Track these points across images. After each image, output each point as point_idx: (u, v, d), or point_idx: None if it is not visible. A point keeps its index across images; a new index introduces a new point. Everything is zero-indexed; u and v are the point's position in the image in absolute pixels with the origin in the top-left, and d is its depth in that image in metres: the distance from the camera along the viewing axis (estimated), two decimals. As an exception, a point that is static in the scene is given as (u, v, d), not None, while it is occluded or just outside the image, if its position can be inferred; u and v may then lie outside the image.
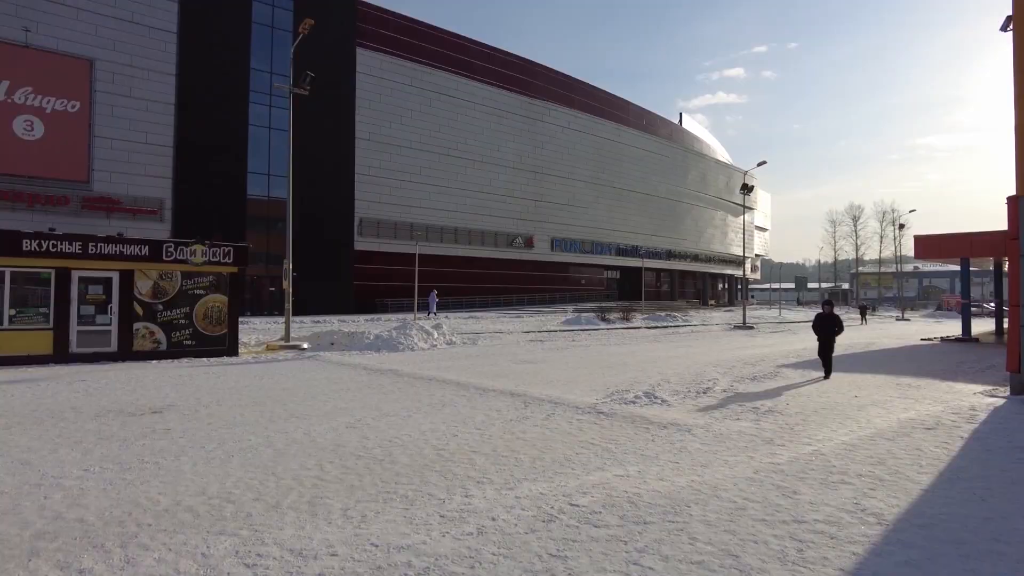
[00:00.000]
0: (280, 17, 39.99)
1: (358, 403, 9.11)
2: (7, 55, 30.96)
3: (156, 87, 35.13)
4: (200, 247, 15.28)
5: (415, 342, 18.25)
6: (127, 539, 4.02)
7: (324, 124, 39.77)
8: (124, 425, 7.43)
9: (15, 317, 13.39)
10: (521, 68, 54.47)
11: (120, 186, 33.83)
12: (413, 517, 4.43)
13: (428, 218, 46.50)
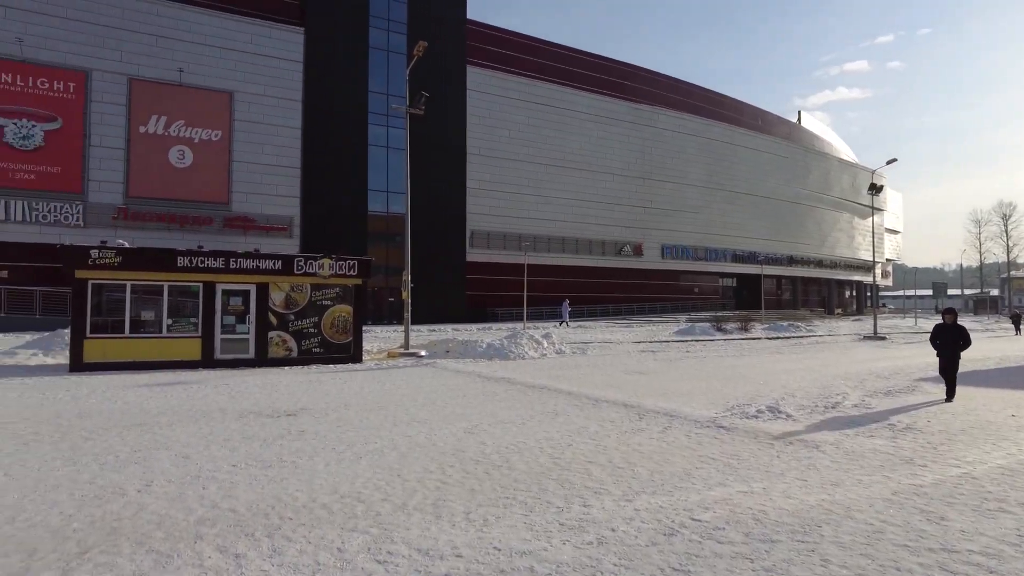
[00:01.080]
0: (395, 41, 42.11)
1: (474, 410, 9.36)
2: (165, 94, 34.76)
3: (285, 114, 38.08)
4: (327, 261, 16.34)
5: (525, 351, 18.46)
6: (272, 530, 4.37)
7: (437, 141, 41.32)
8: (263, 426, 8.08)
9: (171, 326, 14.95)
10: (626, 74, 53.92)
11: (255, 206, 36.90)
12: (533, 523, 4.50)
13: (536, 228, 46.98)
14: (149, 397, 10.41)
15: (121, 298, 14.62)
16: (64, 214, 32.28)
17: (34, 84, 32.09)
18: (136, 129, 34.27)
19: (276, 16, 38.37)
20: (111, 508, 4.82)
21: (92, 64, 33.25)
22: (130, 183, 33.98)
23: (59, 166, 32.43)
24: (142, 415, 8.79)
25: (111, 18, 33.74)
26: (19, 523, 4.48)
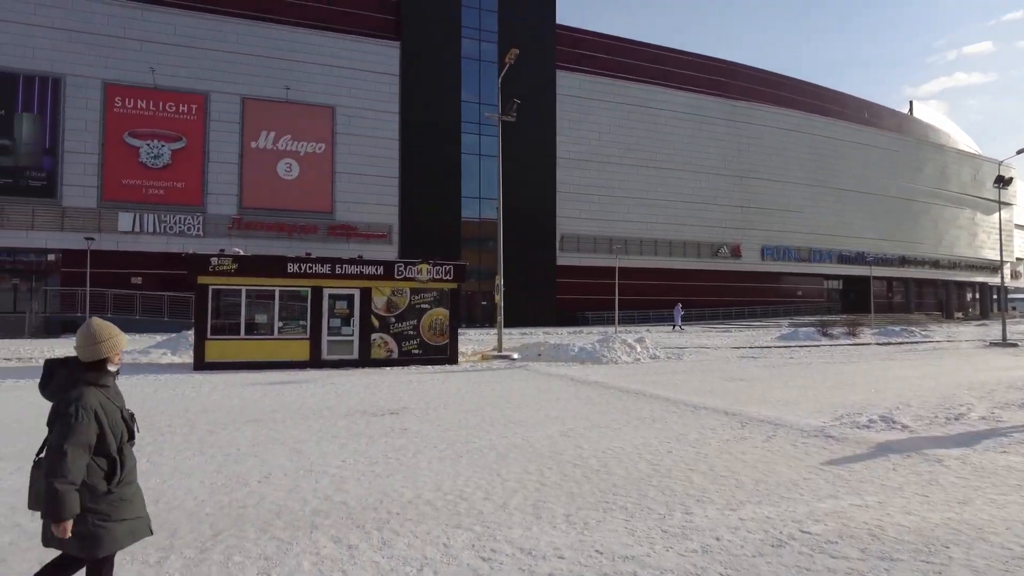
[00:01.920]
0: (486, 50, 42.95)
1: (569, 413, 9.38)
2: (273, 111, 37.17)
3: (383, 126, 39.70)
4: (425, 266, 16.89)
5: (618, 355, 18.26)
6: (381, 524, 4.58)
7: (528, 146, 41.70)
8: (368, 424, 8.46)
9: (282, 328, 15.94)
10: (720, 70, 52.23)
11: (356, 215, 38.68)
12: (635, 529, 4.47)
13: (628, 231, 46.37)
14: (264, 395, 11.15)
15: (237, 302, 15.74)
16: (187, 225, 35.14)
17: (163, 108, 35.18)
18: (248, 144, 36.82)
19: (374, 32, 40.09)
20: (236, 496, 5.22)
21: (211, 87, 36.03)
22: (243, 195, 36.53)
23: (183, 181, 35.36)
24: (258, 411, 9.43)
25: (227, 43, 36.43)
26: (161, 505, 4.94)
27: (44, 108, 33.36)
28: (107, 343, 2.90)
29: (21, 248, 32.85)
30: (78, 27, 33.78)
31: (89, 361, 2.87)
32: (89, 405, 2.76)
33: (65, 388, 2.81)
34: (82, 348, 2.87)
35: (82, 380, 2.83)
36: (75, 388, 2.79)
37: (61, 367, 2.88)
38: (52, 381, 2.86)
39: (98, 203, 33.81)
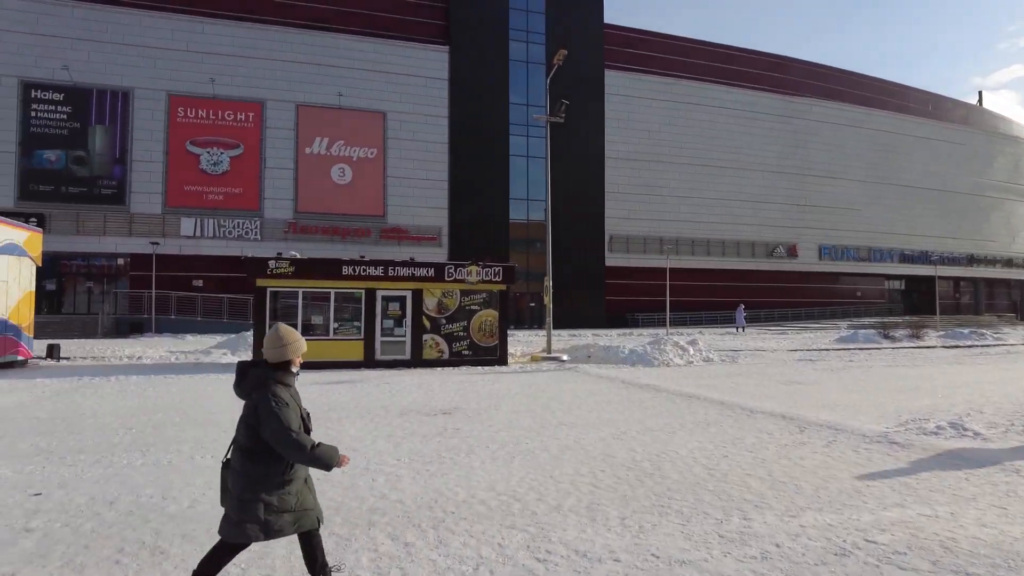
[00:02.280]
0: (534, 52, 43.03)
1: (621, 416, 9.30)
2: (327, 117, 38.15)
3: (433, 130, 40.24)
4: (475, 268, 17.03)
5: (670, 358, 18.00)
6: (437, 522, 4.65)
7: (576, 146, 41.57)
8: (422, 423, 8.58)
9: (337, 329, 16.33)
10: (773, 65, 50.89)
11: (407, 218, 39.32)
12: (691, 533, 4.41)
13: (679, 231, 45.68)
14: (321, 394, 11.44)
15: (294, 304, 16.20)
16: (245, 229, 36.39)
17: (222, 116, 36.56)
18: (303, 150, 37.87)
19: (423, 38, 40.69)
20: (297, 492, 5.37)
21: (267, 95, 37.24)
22: (298, 199, 37.60)
23: (241, 187, 36.64)
24: (316, 410, 9.68)
25: (283, 52, 37.59)
26: (226, 501, 5.13)
27: (115, 120, 35.12)
28: (291, 346, 3.19)
29: (94, 253, 34.66)
30: (144, 43, 35.43)
31: (276, 362, 3.16)
32: (281, 399, 3.06)
33: (257, 387, 3.08)
34: (270, 350, 3.16)
35: (271, 379, 3.11)
36: (266, 386, 3.07)
37: (252, 368, 3.16)
38: (245, 380, 3.13)
39: (162, 209, 35.38)
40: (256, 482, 3.03)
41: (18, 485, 5.53)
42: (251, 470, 3.04)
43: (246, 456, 3.05)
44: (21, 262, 16.74)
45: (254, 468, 3.04)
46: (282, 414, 2.98)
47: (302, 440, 2.99)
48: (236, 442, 3.11)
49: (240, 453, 3.07)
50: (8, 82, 33.58)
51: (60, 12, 34.37)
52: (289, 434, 2.96)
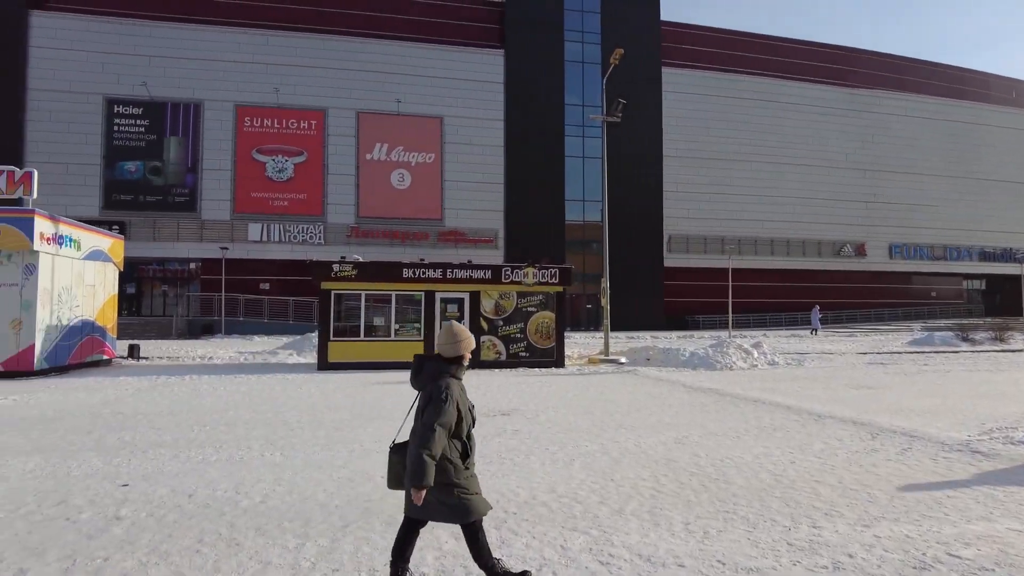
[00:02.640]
0: (589, 52, 42.82)
1: (683, 420, 9.14)
2: (386, 124, 39.03)
3: (489, 133, 40.57)
4: (531, 270, 17.07)
5: (733, 361, 17.56)
6: (499, 523, 4.68)
7: (633, 146, 41.11)
8: (481, 424, 8.65)
9: (398, 330, 16.66)
10: (839, 57, 48.95)
11: (464, 221, 39.79)
12: (758, 540, 4.29)
13: (740, 230, 44.52)
14: (383, 394, 11.70)
15: (356, 306, 16.63)
16: (309, 234, 37.59)
17: (286, 125, 37.90)
18: (363, 156, 38.85)
19: (479, 42, 41.09)
20: (362, 490, 5.51)
21: (328, 103, 38.37)
22: (360, 204, 38.58)
23: (305, 193, 37.86)
24: (379, 410, 9.92)
25: (343, 61, 38.67)
26: (295, 496, 5.32)
27: (187, 131, 36.90)
28: (464, 342, 3.41)
29: (169, 258, 36.49)
30: (213, 56, 37.11)
31: (450, 357, 3.38)
32: (453, 394, 3.27)
33: (433, 378, 3.32)
34: (445, 346, 3.39)
35: (446, 372, 3.34)
36: (441, 378, 3.30)
37: (428, 361, 3.41)
38: (422, 372, 3.38)
39: (231, 215, 36.93)
40: (447, 468, 3.23)
41: (108, 476, 5.88)
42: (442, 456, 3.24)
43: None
44: (106, 267, 17.81)
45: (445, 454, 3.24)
46: (444, 408, 3.17)
47: (436, 441, 3.12)
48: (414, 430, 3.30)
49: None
50: (94, 99, 35.78)
51: (139, 32, 36.38)
52: (434, 427, 3.13)
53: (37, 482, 5.70)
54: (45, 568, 3.82)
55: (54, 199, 28.65)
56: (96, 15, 36.18)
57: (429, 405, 3.20)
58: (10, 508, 4.96)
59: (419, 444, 3.12)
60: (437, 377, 3.31)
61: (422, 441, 3.12)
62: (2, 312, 13.91)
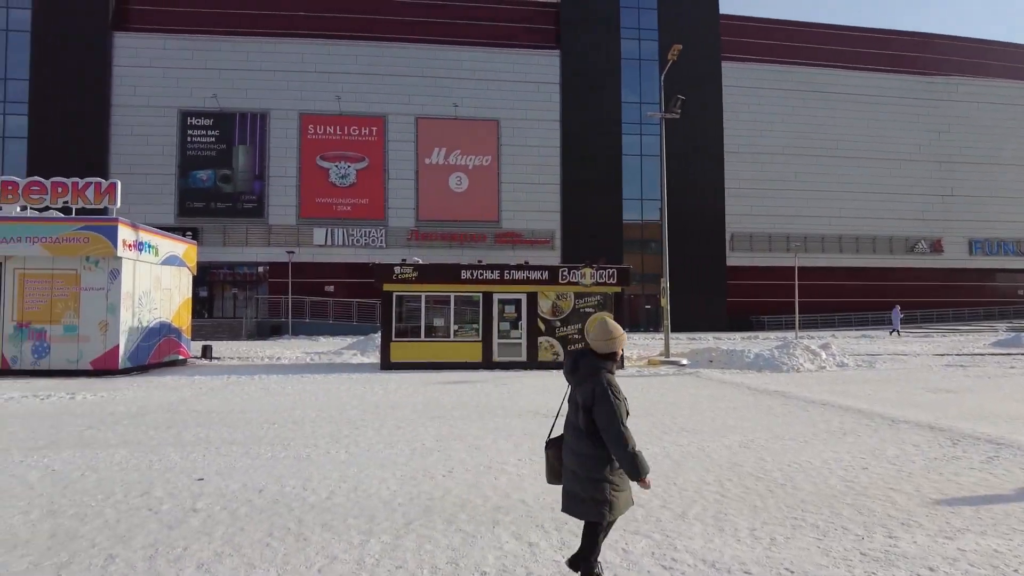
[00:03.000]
0: (646, 49, 42.23)
1: (747, 423, 8.89)
2: (443, 128, 39.61)
3: (545, 134, 40.57)
4: (589, 270, 16.97)
5: (800, 363, 16.96)
6: (560, 524, 4.66)
7: (692, 143, 40.31)
8: (541, 424, 8.65)
9: (457, 331, 16.87)
10: (909, 44, 46.57)
11: (520, 222, 39.93)
12: (829, 549, 4.13)
13: (806, 227, 42.97)
14: (443, 393, 11.86)
15: (417, 307, 16.94)
16: (371, 237, 38.53)
17: (348, 132, 38.97)
18: (422, 161, 39.54)
19: (534, 43, 41.17)
20: (424, 488, 5.60)
21: (388, 109, 39.24)
22: (419, 208, 39.29)
23: (367, 198, 38.83)
24: (439, 409, 10.06)
25: (402, 68, 39.48)
26: (360, 492, 5.45)
27: (254, 140, 38.44)
28: (619, 339, 3.42)
29: (238, 262, 38.07)
30: (278, 67, 38.53)
31: (605, 353, 3.41)
32: (618, 389, 3.33)
33: (590, 375, 3.34)
34: (600, 342, 3.41)
35: (604, 369, 3.37)
36: (599, 375, 3.32)
37: (583, 357, 3.45)
38: (579, 369, 3.41)
39: (296, 220, 38.25)
40: (602, 463, 3.28)
41: (185, 470, 6.18)
42: (596, 452, 3.29)
43: (591, 439, 3.30)
44: (180, 272, 18.72)
45: (599, 450, 3.28)
46: (617, 405, 3.22)
47: (628, 436, 3.19)
48: (574, 426, 3.37)
49: (584, 436, 3.32)
50: (169, 113, 37.73)
51: (210, 47, 38.16)
52: (619, 425, 3.18)
53: (123, 473, 6.04)
54: (132, 554, 4.05)
55: (134, 208, 30.30)
56: (171, 33, 38.15)
57: (599, 405, 3.22)
58: (101, 497, 5.29)
59: (619, 446, 3.17)
60: (595, 374, 3.32)
61: (619, 442, 3.17)
62: (91, 314, 14.82)
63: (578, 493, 3.31)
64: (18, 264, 14.83)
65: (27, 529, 4.54)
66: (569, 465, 3.37)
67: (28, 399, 11.04)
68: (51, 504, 5.11)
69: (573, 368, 3.44)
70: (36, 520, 4.74)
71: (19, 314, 14.76)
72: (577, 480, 3.32)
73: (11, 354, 14.68)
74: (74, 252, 14.79)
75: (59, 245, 14.77)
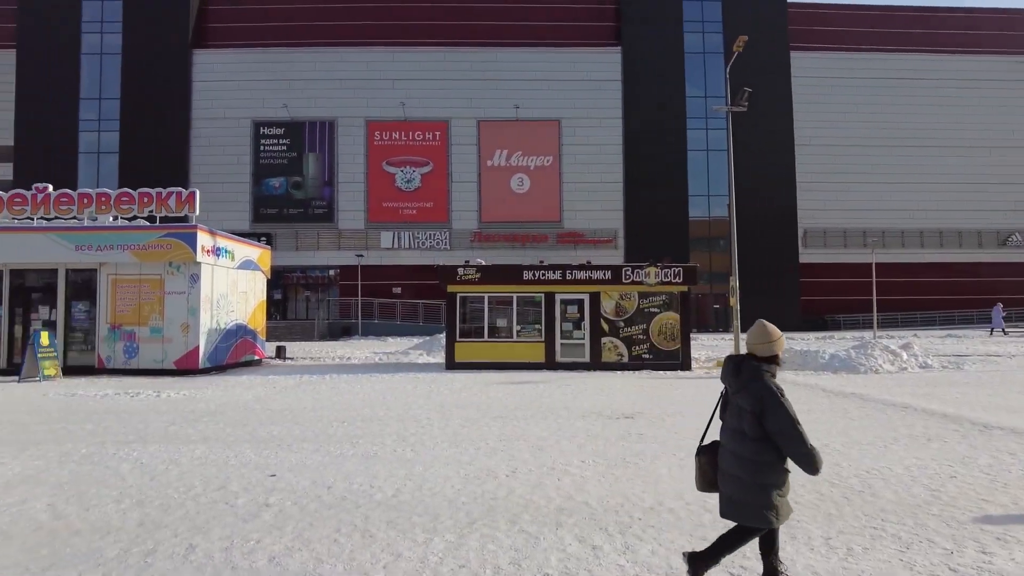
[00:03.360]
0: (710, 42, 41.15)
1: (822, 426, 8.52)
2: (505, 130, 39.86)
3: (607, 132, 40.17)
4: (653, 269, 16.66)
5: (879, 363, 16.12)
6: (623, 528, 4.60)
7: (760, 136, 39.00)
8: (605, 426, 8.56)
9: (519, 332, 16.91)
10: (998, 22, 43.42)
11: (583, 222, 39.68)
12: (912, 562, 3.90)
13: (884, 221, 40.80)
14: (507, 394, 11.91)
15: (480, 308, 17.10)
16: (436, 240, 39.20)
17: (412, 137, 39.78)
18: (484, 163, 39.89)
19: (595, 41, 40.85)
20: (487, 488, 5.63)
21: (451, 114, 39.80)
22: (482, 210, 39.67)
23: (432, 201, 39.51)
24: (503, 408, 10.10)
25: (464, 72, 39.97)
26: (425, 490, 5.53)
27: (323, 148, 39.78)
28: (779, 341, 3.40)
29: (310, 266, 39.47)
30: (345, 75, 39.73)
31: (766, 356, 3.37)
32: (783, 391, 3.28)
33: (753, 379, 3.29)
34: (760, 345, 3.39)
35: (767, 372, 3.33)
36: (763, 379, 3.28)
37: (744, 362, 3.39)
38: (741, 373, 3.36)
39: (365, 224, 39.35)
40: (768, 468, 3.25)
41: (259, 466, 6.43)
42: (763, 457, 3.25)
43: (758, 443, 3.26)
44: (255, 276, 19.54)
45: (766, 455, 3.24)
46: (788, 407, 3.17)
47: (805, 435, 3.16)
48: (737, 432, 3.32)
49: (749, 441, 3.27)
50: (244, 123, 39.55)
51: (280, 59, 39.78)
52: (796, 427, 3.14)
53: (203, 468, 6.35)
54: (210, 545, 4.25)
55: (212, 215, 31.77)
56: (244, 48, 40.02)
57: (771, 410, 3.17)
58: (183, 490, 5.57)
59: (800, 444, 3.12)
60: (757, 378, 3.27)
61: (800, 441, 3.12)
62: (174, 317, 15.67)
63: (744, 499, 3.28)
64: (111, 270, 15.85)
65: (119, 517, 4.84)
66: (731, 471, 3.33)
67: (120, 396, 11.78)
68: (139, 495, 5.43)
69: (735, 373, 3.38)
70: (126, 509, 5.04)
71: (112, 317, 15.77)
72: (743, 486, 3.27)
73: (106, 354, 15.71)
74: (158, 258, 15.68)
75: (145, 251, 15.69)
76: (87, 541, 4.35)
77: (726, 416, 3.45)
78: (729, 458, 3.35)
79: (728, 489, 3.36)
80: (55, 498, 5.36)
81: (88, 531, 4.55)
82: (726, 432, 3.41)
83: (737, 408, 3.32)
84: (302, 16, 40.55)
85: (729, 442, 3.36)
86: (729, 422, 3.39)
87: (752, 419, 3.22)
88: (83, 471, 6.25)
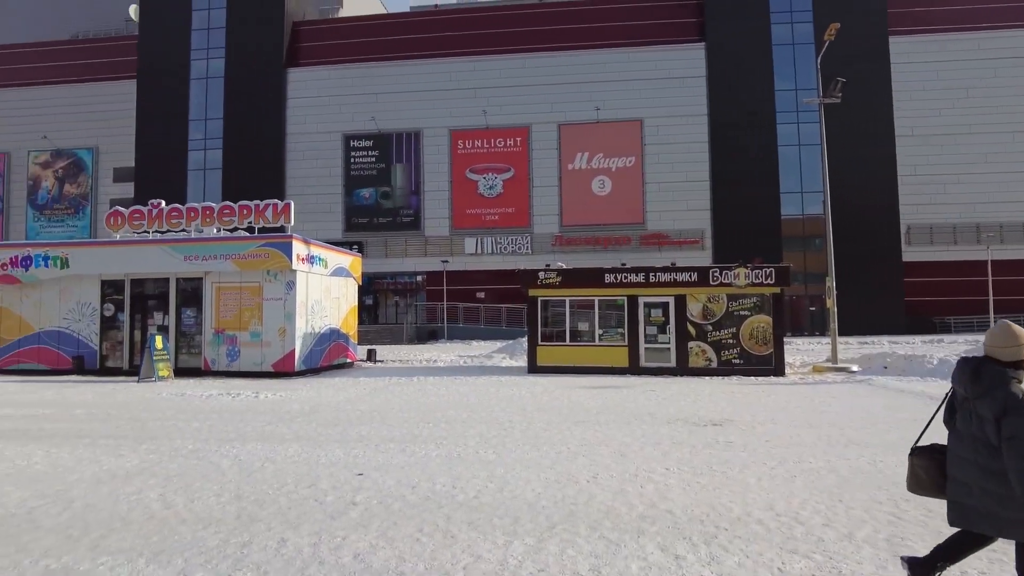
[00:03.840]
0: (800, 32, 39.21)
1: (931, 437, 7.88)
2: (585, 132, 39.62)
3: (691, 130, 39.09)
4: (743, 270, 16.04)
5: (998, 369, 14.76)
6: (708, 538, 4.43)
7: (856, 128, 36.75)
8: (691, 433, 8.31)
9: (602, 336, 16.73)
10: None
11: (667, 223, 38.77)
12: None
13: (1000, 215, 37.37)
14: (589, 398, 11.80)
15: (562, 312, 17.04)
16: (517, 244, 39.47)
17: (494, 144, 40.29)
18: (565, 167, 39.80)
19: (677, 38, 39.91)
20: (568, 492, 5.58)
21: (531, 119, 40.00)
22: (563, 214, 39.58)
23: (513, 206, 39.83)
24: (585, 413, 10.01)
25: (543, 76, 40.09)
26: (506, 493, 5.55)
27: (410, 158, 41.01)
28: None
29: (398, 272, 40.74)
30: (429, 87, 40.80)
31: (1011, 360, 3.18)
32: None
33: (996, 384, 3.10)
34: (1002, 349, 3.21)
35: (1013, 378, 3.13)
36: (1008, 385, 3.08)
37: (984, 365, 3.20)
38: (982, 378, 3.19)
39: (449, 231, 40.21)
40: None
41: (348, 465, 6.67)
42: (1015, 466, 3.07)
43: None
44: (347, 282, 20.37)
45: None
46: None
47: None
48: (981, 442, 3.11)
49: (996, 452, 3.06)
50: (335, 137, 41.44)
51: (367, 73, 41.42)
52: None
53: (295, 466, 6.66)
54: (300, 540, 4.44)
55: (307, 225, 33.47)
56: (334, 64, 41.97)
57: (1011, 416, 2.97)
58: (276, 486, 5.86)
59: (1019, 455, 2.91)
60: (1002, 383, 3.08)
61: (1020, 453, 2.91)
62: (272, 322, 16.58)
63: (994, 511, 3.07)
64: (215, 279, 16.98)
65: (219, 510, 5.15)
66: (976, 483, 3.11)
67: (223, 396, 12.57)
68: (237, 489, 5.76)
69: (974, 378, 3.16)
70: (225, 502, 5.36)
71: (216, 322, 16.88)
72: (1000, 500, 3.04)
73: (211, 357, 16.82)
74: (257, 266, 16.64)
75: (245, 260, 16.69)
76: (192, 530, 4.66)
77: (957, 422, 3.24)
78: (971, 470, 3.13)
79: (974, 501, 3.13)
80: (165, 489, 5.77)
81: (192, 521, 4.88)
82: (960, 440, 3.20)
83: (975, 416, 3.10)
84: (386, 32, 42.08)
85: (969, 453, 3.14)
86: (964, 429, 3.18)
87: (997, 427, 3.01)
88: (190, 465, 6.71)
